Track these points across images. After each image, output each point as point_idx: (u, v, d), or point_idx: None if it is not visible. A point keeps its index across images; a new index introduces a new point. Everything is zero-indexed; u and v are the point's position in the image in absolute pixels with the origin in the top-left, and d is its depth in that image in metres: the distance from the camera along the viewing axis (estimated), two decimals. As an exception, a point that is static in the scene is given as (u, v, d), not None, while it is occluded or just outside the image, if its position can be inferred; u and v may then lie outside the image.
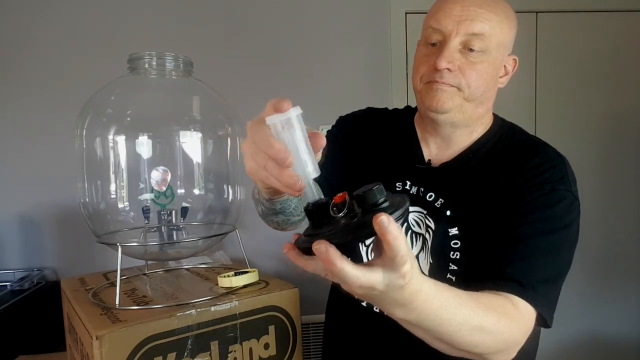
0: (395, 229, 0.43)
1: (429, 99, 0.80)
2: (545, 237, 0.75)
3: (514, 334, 0.66)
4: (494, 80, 0.81)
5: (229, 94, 1.01)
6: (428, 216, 0.83)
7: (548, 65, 2.19)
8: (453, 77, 0.78)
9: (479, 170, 0.83)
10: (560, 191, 0.77)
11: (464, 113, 0.82)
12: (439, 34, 0.79)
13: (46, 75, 1.99)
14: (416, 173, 0.87)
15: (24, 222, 2.01)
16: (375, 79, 2.16)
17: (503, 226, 0.76)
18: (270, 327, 0.85)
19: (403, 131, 0.93)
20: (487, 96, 0.82)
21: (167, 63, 0.90)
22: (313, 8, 2.10)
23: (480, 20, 0.76)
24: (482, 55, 0.78)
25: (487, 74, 0.79)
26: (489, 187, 0.81)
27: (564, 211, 0.77)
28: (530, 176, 0.79)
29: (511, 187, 0.79)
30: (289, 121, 0.47)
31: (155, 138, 0.90)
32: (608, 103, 2.23)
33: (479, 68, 0.78)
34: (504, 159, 0.83)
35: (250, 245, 0.97)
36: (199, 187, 0.97)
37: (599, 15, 2.19)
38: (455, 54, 0.77)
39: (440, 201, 0.83)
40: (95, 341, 0.68)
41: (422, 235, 0.83)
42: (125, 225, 0.93)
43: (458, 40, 0.77)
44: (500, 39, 0.79)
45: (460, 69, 0.77)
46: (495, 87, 0.83)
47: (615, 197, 2.25)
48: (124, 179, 0.91)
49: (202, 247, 1.00)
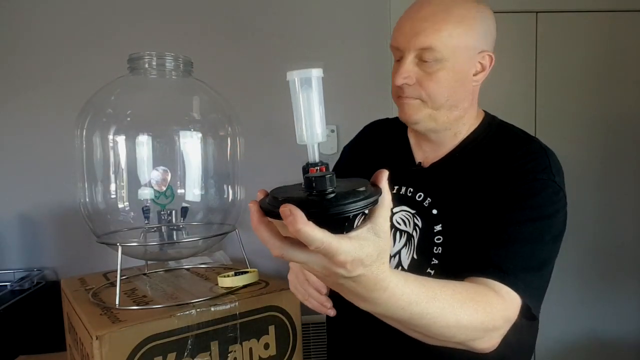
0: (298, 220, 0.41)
1: (401, 113, 0.86)
2: (526, 225, 0.76)
3: (493, 319, 0.66)
4: (461, 83, 0.84)
5: (229, 94, 1.01)
6: (417, 215, 0.87)
7: (548, 65, 2.19)
8: (413, 90, 0.82)
9: (464, 167, 0.86)
10: (543, 180, 0.80)
11: (437, 120, 0.85)
12: (398, 51, 0.84)
13: (46, 75, 1.99)
14: (408, 175, 0.91)
15: (24, 222, 2.01)
16: (375, 79, 2.16)
17: (485, 216, 0.78)
18: (270, 327, 0.85)
19: (396, 138, 0.98)
20: (455, 99, 0.85)
21: (167, 63, 0.90)
22: (313, 8, 2.10)
23: (425, 34, 0.80)
24: (437, 63, 0.81)
25: (447, 80, 0.82)
26: (473, 182, 0.83)
27: (546, 200, 0.79)
28: (512, 167, 0.82)
29: (494, 179, 0.81)
30: (308, 80, 0.48)
31: (155, 138, 0.90)
32: (608, 103, 2.24)
33: (437, 77, 0.82)
34: (489, 154, 0.86)
35: (250, 245, 0.97)
36: (199, 187, 0.97)
37: (599, 15, 2.19)
38: (412, 68, 0.82)
39: (428, 200, 0.87)
40: (95, 341, 0.68)
41: (408, 232, 0.87)
42: (125, 225, 0.93)
43: (412, 55, 0.82)
44: (454, 44, 0.81)
45: (418, 81, 0.82)
46: (465, 87, 0.85)
47: (615, 196, 2.25)
48: (124, 179, 0.91)
49: (202, 247, 1.00)
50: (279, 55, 2.09)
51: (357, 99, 2.15)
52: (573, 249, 2.22)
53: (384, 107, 2.18)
